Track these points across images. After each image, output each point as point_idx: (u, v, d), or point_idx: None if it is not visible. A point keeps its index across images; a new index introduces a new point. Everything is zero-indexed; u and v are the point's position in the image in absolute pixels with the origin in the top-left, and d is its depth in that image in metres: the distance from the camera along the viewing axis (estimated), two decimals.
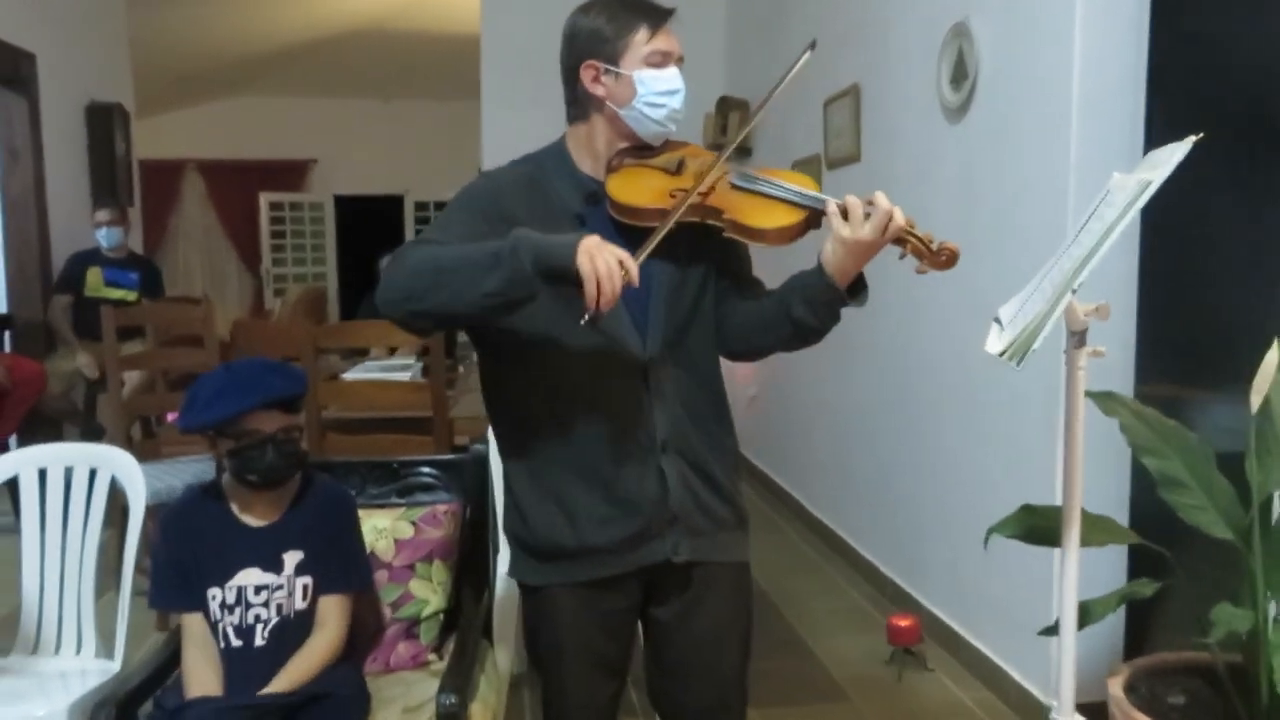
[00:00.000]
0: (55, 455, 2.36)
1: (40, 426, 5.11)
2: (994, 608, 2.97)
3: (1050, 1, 2.62)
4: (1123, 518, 2.50)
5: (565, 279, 1.41)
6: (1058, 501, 2.40)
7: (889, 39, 3.63)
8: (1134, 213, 1.31)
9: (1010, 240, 2.83)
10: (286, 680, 1.75)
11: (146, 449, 3.69)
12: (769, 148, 5.23)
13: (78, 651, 2.29)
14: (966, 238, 3.02)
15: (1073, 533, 1.57)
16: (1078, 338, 1.54)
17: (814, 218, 1.57)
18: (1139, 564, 2.50)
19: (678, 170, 1.62)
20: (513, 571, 1.76)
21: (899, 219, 1.51)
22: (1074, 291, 1.36)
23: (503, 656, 2.48)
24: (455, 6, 7.28)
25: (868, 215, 1.51)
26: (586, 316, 1.41)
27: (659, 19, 1.60)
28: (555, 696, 1.77)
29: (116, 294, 5.17)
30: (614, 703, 1.79)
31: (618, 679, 1.78)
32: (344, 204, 10.72)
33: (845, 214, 1.53)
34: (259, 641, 1.81)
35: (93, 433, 5.14)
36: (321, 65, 9.30)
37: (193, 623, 1.82)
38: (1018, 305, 1.62)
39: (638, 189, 1.60)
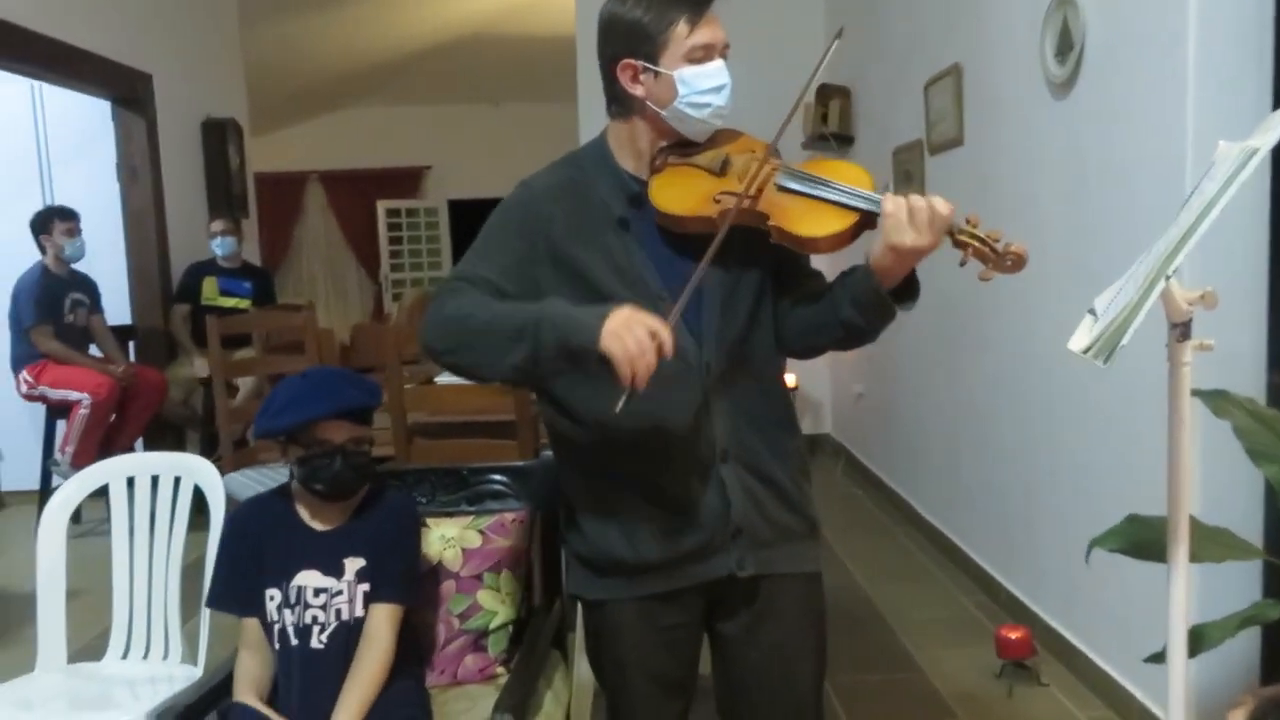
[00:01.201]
0: (142, 465, 2.40)
1: (163, 432, 5.33)
2: (1114, 620, 2.75)
3: None
4: (1255, 528, 2.27)
5: (591, 360, 1.34)
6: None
7: (990, 14, 3.42)
8: (1237, 185, 1.14)
9: (1123, 223, 2.61)
10: (347, 714, 1.71)
11: (251, 455, 3.77)
12: (870, 136, 5.04)
13: (165, 657, 2.33)
14: (1076, 222, 2.83)
15: (1180, 550, 1.40)
16: (1180, 330, 1.36)
17: (868, 220, 1.44)
18: (1275, 581, 2.25)
19: (722, 170, 1.51)
20: (571, 585, 1.71)
21: (942, 210, 1.37)
22: (1168, 277, 1.20)
23: (585, 666, 2.42)
24: (555, 9, 7.30)
25: (911, 217, 1.38)
26: (623, 400, 1.33)
27: (699, 8, 1.48)
28: (620, 714, 1.70)
29: (230, 302, 5.35)
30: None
31: (682, 696, 1.71)
32: (457, 208, 10.90)
33: (889, 215, 1.40)
34: (315, 644, 1.79)
35: (211, 438, 5.33)
36: (431, 73, 9.48)
37: (250, 627, 1.82)
38: (1113, 294, 1.46)
39: (681, 195, 1.50)
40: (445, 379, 3.64)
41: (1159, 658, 1.50)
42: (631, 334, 1.31)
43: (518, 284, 1.52)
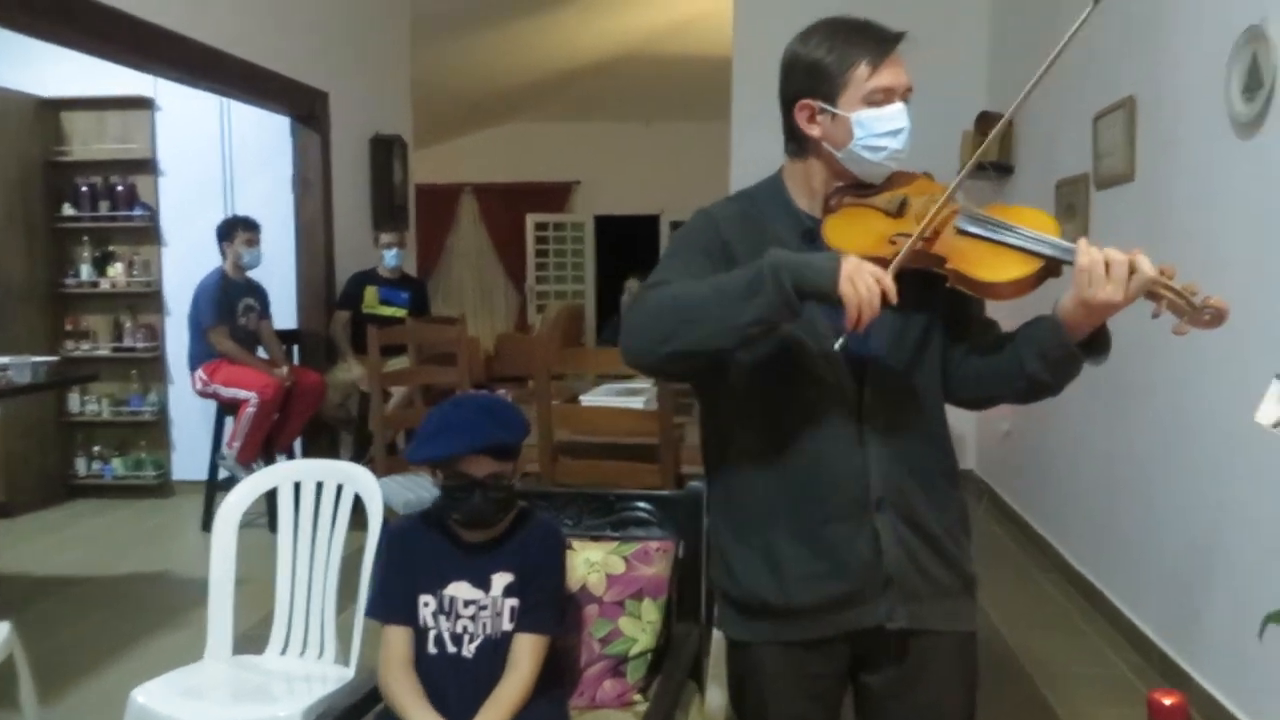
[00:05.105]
0: (307, 471, 2.53)
1: (320, 433, 5.61)
2: None
3: None
4: None
5: (827, 301, 1.36)
6: None
7: (1170, 46, 3.27)
8: None
9: None
10: None
11: (401, 461, 3.93)
12: (1031, 167, 4.88)
13: (320, 655, 2.45)
14: (1261, 268, 2.68)
15: None
16: None
17: (1053, 267, 1.40)
18: None
19: (899, 212, 1.48)
20: (719, 624, 1.72)
21: (1146, 270, 1.32)
22: None
23: (716, 696, 2.42)
24: (713, 29, 7.36)
25: (1109, 272, 1.33)
26: (842, 340, 1.37)
27: (882, 50, 1.47)
28: None
29: (389, 311, 5.59)
30: None
31: None
32: (603, 223, 11.09)
33: (1083, 269, 1.35)
34: (466, 653, 1.84)
35: (364, 440, 5.57)
36: (586, 91, 9.70)
37: (394, 634, 1.86)
38: None
39: (855, 234, 1.48)
40: (589, 399, 3.70)
41: None
42: (863, 280, 1.33)
43: None
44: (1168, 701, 2.80)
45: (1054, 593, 4.19)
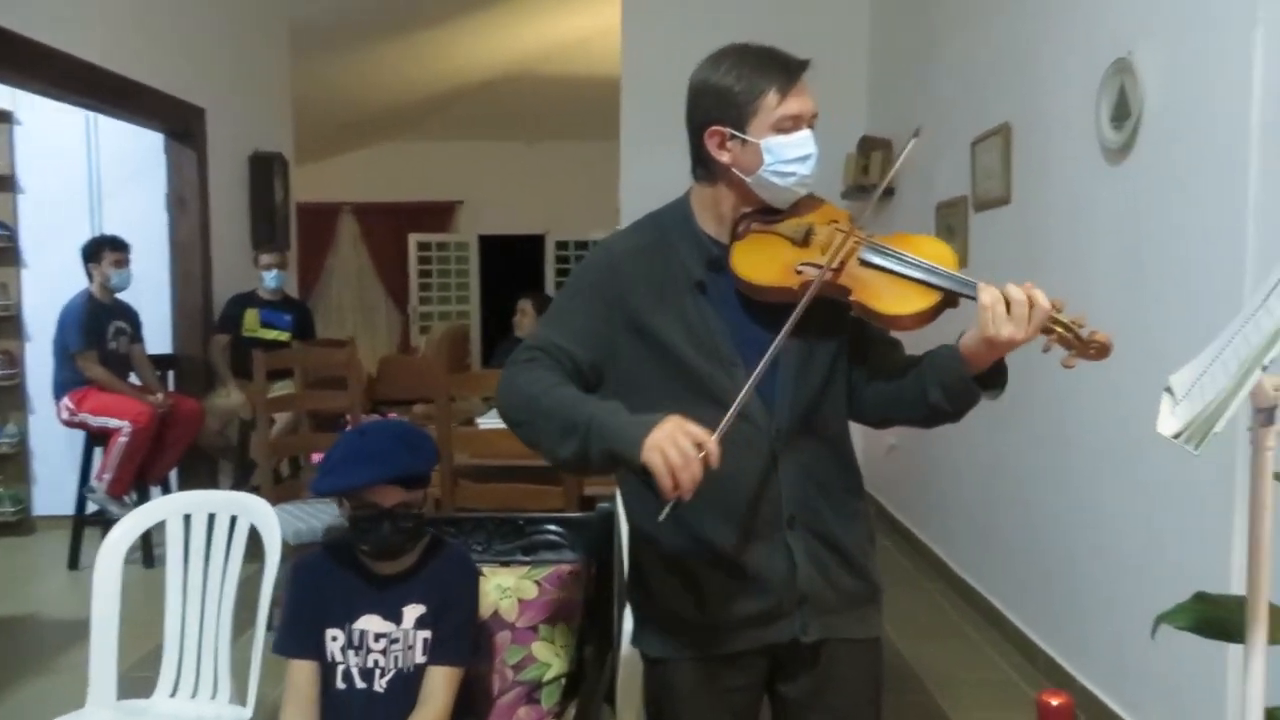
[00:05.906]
0: (200, 502, 2.42)
1: (198, 462, 5.37)
2: (1163, 692, 2.72)
3: (1226, 32, 2.41)
4: None
5: (634, 469, 1.34)
6: (1236, 588, 2.17)
7: (1043, 75, 3.45)
8: None
9: (1181, 293, 2.61)
10: None
11: (289, 489, 3.79)
12: (912, 189, 5.06)
13: (213, 696, 2.33)
14: (1130, 289, 2.84)
15: (1258, 634, 1.39)
16: (1265, 414, 1.36)
17: (951, 300, 1.45)
18: None
19: (805, 241, 1.52)
20: (635, 641, 1.72)
21: (1042, 302, 1.38)
22: (1265, 368, 1.20)
23: (629, 717, 2.41)
24: (598, 50, 7.41)
25: (1010, 310, 1.39)
26: (666, 510, 1.34)
27: (790, 78, 1.50)
28: None
29: (271, 334, 5.40)
30: None
31: None
32: (487, 243, 10.99)
33: (986, 307, 1.40)
34: (377, 688, 1.79)
35: (245, 469, 5.36)
36: (469, 110, 9.61)
37: (299, 671, 1.80)
38: (1194, 375, 1.45)
39: (762, 263, 1.51)
40: (485, 422, 3.65)
41: None
42: (675, 446, 1.30)
43: (594, 349, 1.54)
44: (1055, 702, 2.91)
45: (941, 601, 4.33)
